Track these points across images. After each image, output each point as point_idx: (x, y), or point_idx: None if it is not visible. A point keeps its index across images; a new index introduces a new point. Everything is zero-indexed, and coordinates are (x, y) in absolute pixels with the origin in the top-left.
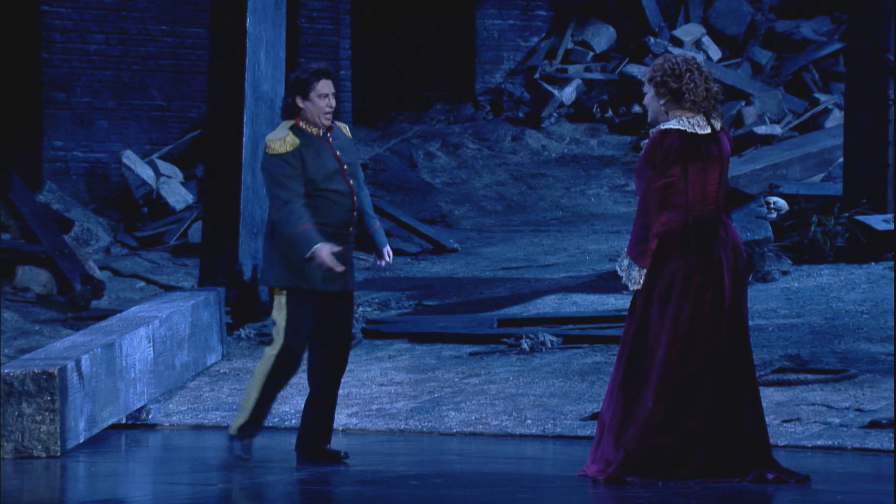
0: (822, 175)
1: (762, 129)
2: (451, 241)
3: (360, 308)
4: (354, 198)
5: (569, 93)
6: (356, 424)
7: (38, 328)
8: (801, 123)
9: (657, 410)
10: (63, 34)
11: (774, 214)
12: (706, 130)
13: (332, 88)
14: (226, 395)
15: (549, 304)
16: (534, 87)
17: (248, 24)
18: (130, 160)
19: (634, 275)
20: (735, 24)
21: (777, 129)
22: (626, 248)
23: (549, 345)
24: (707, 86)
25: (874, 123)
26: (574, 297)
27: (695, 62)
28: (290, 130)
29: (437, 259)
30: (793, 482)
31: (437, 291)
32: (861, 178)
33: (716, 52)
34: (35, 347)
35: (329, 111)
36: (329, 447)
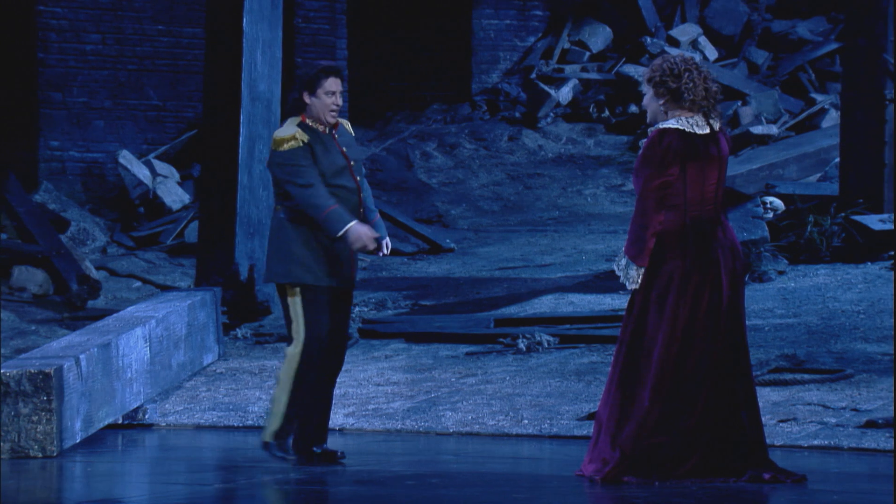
0: (819, 175)
1: (759, 129)
2: (448, 241)
3: (357, 308)
4: (361, 194)
5: (565, 93)
6: (353, 424)
7: (35, 328)
8: (798, 123)
9: (654, 410)
10: (59, 34)
11: (771, 214)
12: (705, 130)
13: (340, 87)
14: (222, 395)
15: (546, 304)
16: (530, 87)
17: (245, 24)
18: (127, 160)
19: (632, 274)
20: (731, 24)
21: (773, 129)
22: (624, 248)
23: (546, 345)
24: (706, 85)
25: (870, 123)
26: (571, 297)
27: (693, 62)
28: (298, 127)
29: (434, 259)
30: (789, 482)
31: (434, 291)
32: (857, 178)
33: (712, 52)
34: (31, 347)
35: (335, 109)
36: (325, 447)
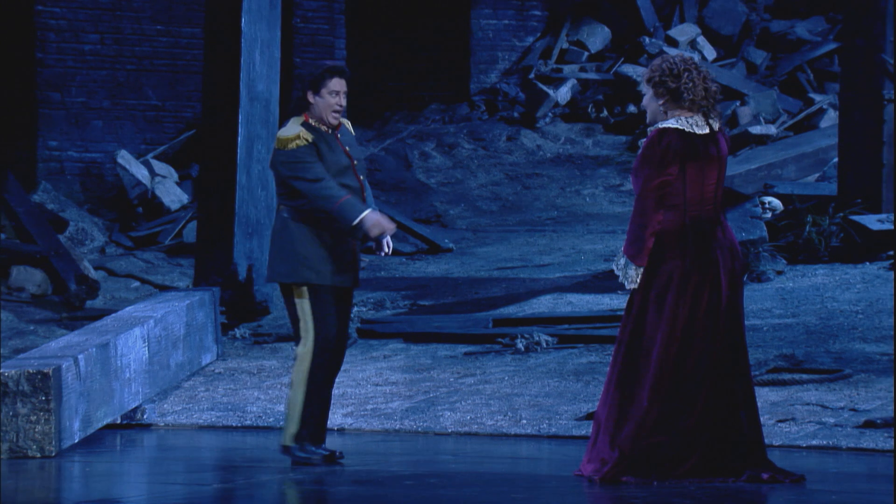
0: (817, 175)
1: (757, 129)
2: (447, 241)
3: (356, 308)
4: (364, 193)
5: (564, 93)
6: (351, 424)
7: (33, 328)
8: (796, 123)
9: (653, 410)
10: (58, 34)
11: (769, 214)
12: (705, 130)
13: (345, 87)
14: (220, 395)
15: (545, 304)
16: (529, 87)
17: (244, 24)
18: (125, 160)
19: (631, 273)
20: (730, 24)
21: (772, 129)
22: (623, 247)
23: (545, 345)
24: (705, 85)
25: (869, 123)
26: (569, 297)
27: (692, 62)
28: (302, 126)
29: (433, 259)
30: (788, 482)
31: (433, 291)
32: (856, 178)
33: (711, 52)
34: (30, 347)
35: (338, 109)
36: (324, 447)
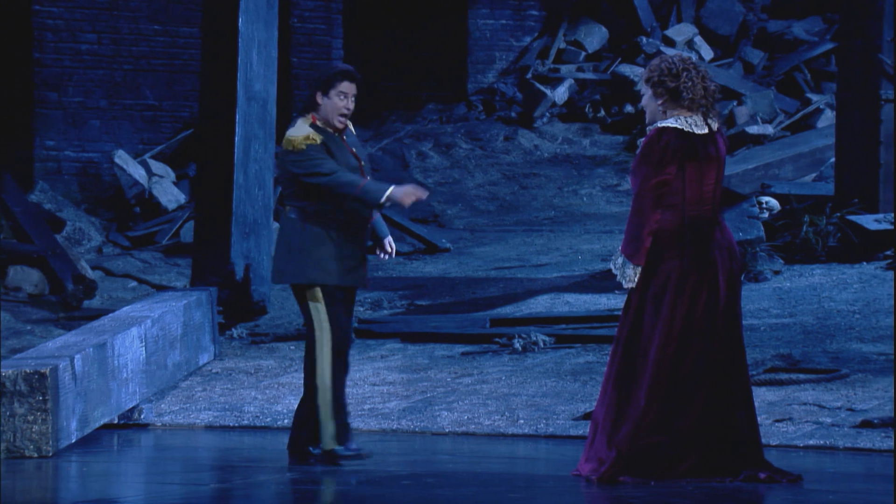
0: (814, 175)
1: (754, 129)
2: (444, 241)
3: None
4: None
5: (561, 92)
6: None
7: (30, 328)
8: (793, 123)
9: (650, 410)
10: (55, 34)
11: (766, 214)
12: (703, 130)
13: (354, 91)
14: (218, 395)
15: (542, 304)
16: (526, 87)
17: (241, 24)
18: (122, 160)
19: (629, 273)
20: (727, 24)
21: (769, 129)
22: (621, 246)
23: (542, 344)
24: (704, 85)
25: (866, 123)
26: (566, 297)
27: (691, 62)
28: (311, 127)
29: (430, 259)
30: (785, 482)
31: (430, 291)
32: (853, 178)
33: (708, 52)
34: (27, 347)
35: (346, 112)
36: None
